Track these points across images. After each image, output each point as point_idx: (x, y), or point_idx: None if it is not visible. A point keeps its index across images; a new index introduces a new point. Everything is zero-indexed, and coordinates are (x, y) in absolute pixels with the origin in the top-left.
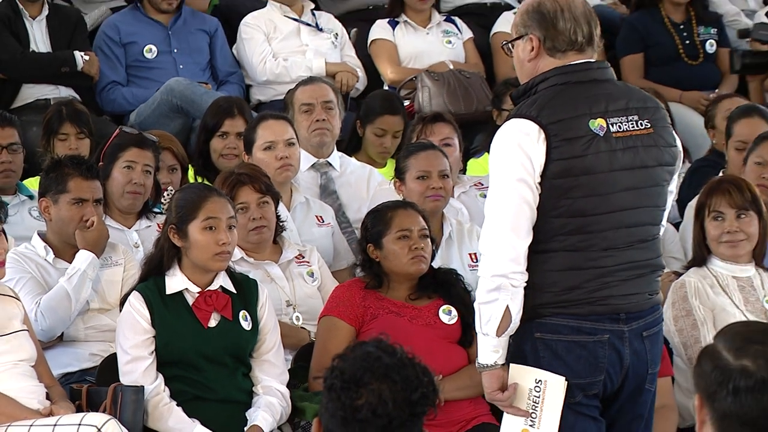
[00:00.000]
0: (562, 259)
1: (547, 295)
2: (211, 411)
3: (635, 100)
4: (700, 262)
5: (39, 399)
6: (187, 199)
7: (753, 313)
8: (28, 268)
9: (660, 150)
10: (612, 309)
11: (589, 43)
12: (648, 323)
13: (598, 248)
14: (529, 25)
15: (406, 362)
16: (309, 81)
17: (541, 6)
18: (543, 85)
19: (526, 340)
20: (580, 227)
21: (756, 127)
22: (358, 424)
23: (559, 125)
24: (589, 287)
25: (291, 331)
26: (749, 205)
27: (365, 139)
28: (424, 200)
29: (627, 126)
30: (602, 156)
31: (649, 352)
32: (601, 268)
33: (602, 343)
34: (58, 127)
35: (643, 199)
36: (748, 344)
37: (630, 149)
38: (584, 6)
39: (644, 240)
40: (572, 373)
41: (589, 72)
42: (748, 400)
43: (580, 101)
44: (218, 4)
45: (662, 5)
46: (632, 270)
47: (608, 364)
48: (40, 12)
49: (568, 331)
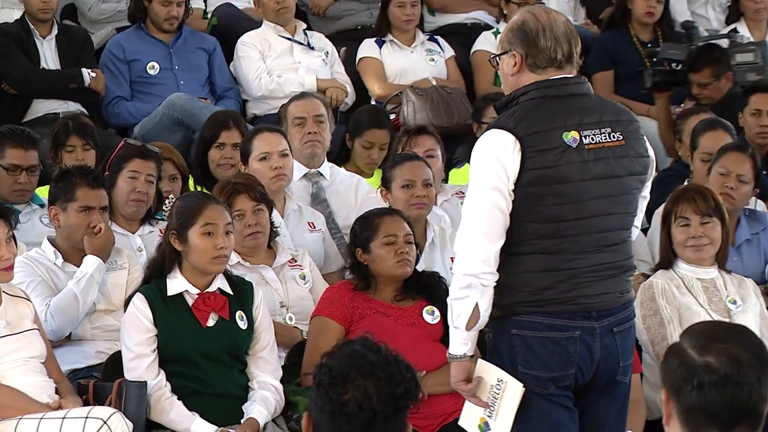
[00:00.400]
0: (537, 262)
1: (522, 294)
2: (210, 405)
3: (609, 113)
4: (667, 264)
5: (48, 393)
6: (187, 206)
7: (717, 312)
8: (38, 272)
9: (631, 160)
10: (583, 308)
11: (568, 60)
12: (619, 319)
13: (570, 251)
14: (513, 42)
15: (390, 359)
16: (301, 96)
17: (524, 25)
18: (523, 98)
19: (503, 336)
20: (554, 232)
21: (720, 140)
22: (345, 418)
23: (535, 137)
24: (562, 287)
25: (284, 330)
26: (713, 212)
27: (354, 151)
28: (409, 208)
29: (599, 138)
30: (574, 166)
31: (620, 346)
32: (573, 270)
33: (573, 339)
34: (65, 140)
35: (613, 206)
36: (711, 342)
37: (602, 160)
38: (566, 26)
39: (614, 243)
40: (545, 366)
41: (566, 87)
42: (711, 394)
43: (555, 115)
44: (217, 24)
45: (631, 25)
46: (603, 271)
47: (579, 358)
48: (50, 32)
49: (542, 328)
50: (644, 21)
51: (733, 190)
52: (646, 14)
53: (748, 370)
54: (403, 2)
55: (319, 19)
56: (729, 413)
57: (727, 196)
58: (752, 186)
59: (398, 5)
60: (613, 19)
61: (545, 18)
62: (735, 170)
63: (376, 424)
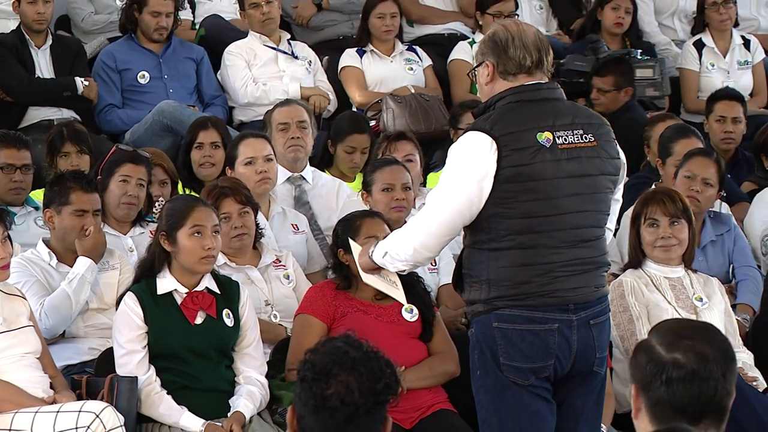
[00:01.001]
0: (515, 257)
1: (502, 288)
2: (198, 399)
3: (581, 116)
4: (636, 264)
5: (43, 388)
6: (176, 208)
7: (684, 310)
8: (33, 272)
9: (602, 161)
10: (561, 301)
11: (537, 66)
12: (596, 312)
13: (546, 246)
14: (486, 52)
15: (371, 355)
16: (285, 103)
17: (494, 36)
18: (500, 103)
19: (485, 329)
20: (529, 227)
21: (693, 146)
22: (327, 412)
23: (509, 137)
24: (540, 281)
25: (269, 327)
26: (681, 213)
27: (336, 156)
28: (389, 210)
29: (572, 138)
30: (547, 164)
31: (597, 338)
32: (549, 264)
33: (552, 331)
34: (60, 146)
35: (586, 203)
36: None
37: (574, 159)
38: (536, 35)
39: (588, 240)
40: (526, 357)
41: (540, 92)
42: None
43: (529, 117)
44: (204, 34)
45: (601, 35)
46: (578, 266)
47: (557, 349)
48: (44, 42)
49: (522, 321)
50: (614, 31)
51: (699, 193)
52: (615, 24)
53: (714, 366)
54: (382, 14)
55: (302, 30)
56: (696, 407)
57: (693, 199)
58: (717, 189)
59: (378, 16)
60: (583, 30)
61: (514, 28)
62: (700, 174)
63: (358, 417)
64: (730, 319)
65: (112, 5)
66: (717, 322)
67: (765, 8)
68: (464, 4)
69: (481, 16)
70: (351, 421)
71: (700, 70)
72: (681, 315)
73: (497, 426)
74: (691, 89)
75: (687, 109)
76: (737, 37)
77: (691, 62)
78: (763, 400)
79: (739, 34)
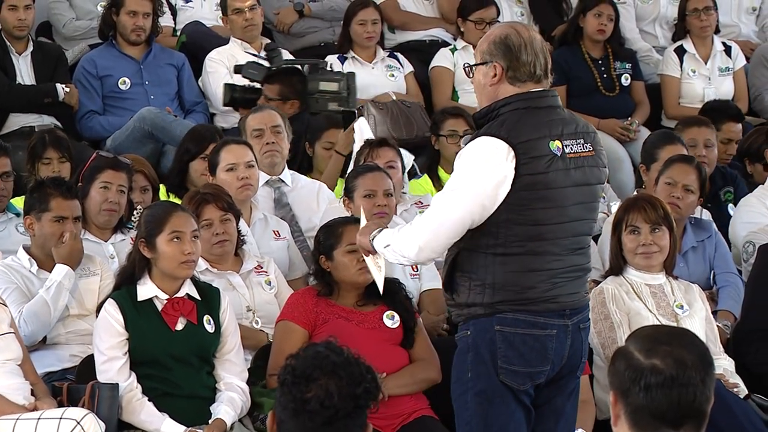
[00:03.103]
0: (523, 262)
1: (508, 293)
2: (179, 405)
3: (581, 126)
4: (617, 271)
5: (24, 395)
6: (154, 215)
7: (665, 317)
8: (13, 279)
9: (599, 170)
10: (560, 306)
11: (545, 75)
12: (584, 317)
13: (551, 253)
14: (495, 54)
15: (351, 361)
16: (259, 109)
17: (507, 39)
18: (505, 109)
19: (486, 332)
20: (539, 234)
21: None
22: (307, 415)
23: (526, 145)
24: (543, 287)
25: (250, 333)
26: (662, 220)
27: (315, 156)
28: (370, 217)
29: (577, 148)
30: (559, 173)
31: (583, 343)
32: (552, 270)
33: (552, 336)
34: (42, 153)
35: (587, 212)
36: (657, 345)
37: (579, 168)
38: (541, 42)
39: (583, 247)
40: (525, 362)
41: (546, 99)
42: (658, 395)
43: (541, 125)
44: (185, 41)
45: (583, 43)
46: (574, 272)
47: (554, 355)
48: (25, 48)
49: (525, 326)
50: (596, 38)
51: (680, 200)
52: (597, 31)
53: (693, 372)
54: (364, 20)
55: (284, 37)
56: (675, 413)
57: (674, 206)
58: (698, 196)
59: (360, 23)
60: (565, 37)
61: (527, 34)
62: (681, 181)
63: (338, 420)
64: (711, 326)
65: (93, 11)
66: (698, 329)
67: (746, 15)
68: (446, 11)
69: (462, 23)
70: (330, 424)
71: (681, 76)
72: (662, 322)
73: (482, 430)
74: (673, 96)
75: (668, 115)
76: (718, 44)
77: (672, 69)
78: (743, 407)
79: (720, 41)
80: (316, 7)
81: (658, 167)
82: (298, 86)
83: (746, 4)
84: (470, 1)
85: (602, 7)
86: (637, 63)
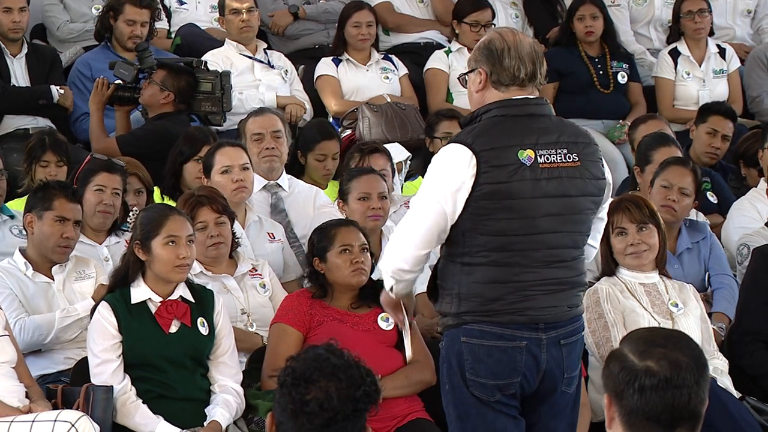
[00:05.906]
0: (487, 273)
1: (472, 303)
2: (173, 408)
3: (567, 135)
4: (609, 273)
5: (19, 398)
6: (150, 217)
7: (660, 315)
8: (8, 284)
9: (585, 181)
10: (530, 319)
11: (530, 80)
12: (567, 332)
13: (520, 265)
14: (480, 60)
15: (351, 363)
16: (259, 112)
17: (491, 44)
18: (485, 116)
19: (453, 344)
20: (503, 245)
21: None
22: (306, 417)
23: (490, 153)
24: (510, 299)
25: (245, 336)
26: (648, 219)
27: (308, 166)
28: (365, 219)
29: (555, 158)
30: (526, 183)
31: (566, 358)
32: (521, 282)
33: (520, 348)
34: (40, 155)
35: (565, 224)
36: (651, 347)
37: (555, 179)
38: (531, 46)
39: (564, 260)
40: (492, 374)
41: (527, 107)
42: (652, 397)
43: (513, 133)
44: (180, 43)
45: (579, 43)
46: (552, 286)
47: (525, 367)
48: (20, 50)
49: (490, 337)
50: (587, 40)
51: (675, 203)
52: (585, 34)
53: (687, 374)
54: (359, 22)
55: (278, 39)
56: (669, 415)
57: (670, 209)
58: (693, 198)
59: (354, 25)
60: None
61: (511, 38)
62: (677, 183)
63: (336, 423)
64: (705, 324)
65: (87, 14)
66: (693, 327)
67: (741, 17)
68: (441, 13)
69: (457, 25)
70: (329, 426)
71: (675, 78)
72: (657, 320)
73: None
74: (667, 98)
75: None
76: (713, 46)
77: (666, 71)
78: (739, 407)
79: (714, 43)
80: (311, 9)
81: (653, 169)
82: (182, 83)
83: (741, 6)
84: (465, 4)
85: (583, 9)
86: (635, 65)
